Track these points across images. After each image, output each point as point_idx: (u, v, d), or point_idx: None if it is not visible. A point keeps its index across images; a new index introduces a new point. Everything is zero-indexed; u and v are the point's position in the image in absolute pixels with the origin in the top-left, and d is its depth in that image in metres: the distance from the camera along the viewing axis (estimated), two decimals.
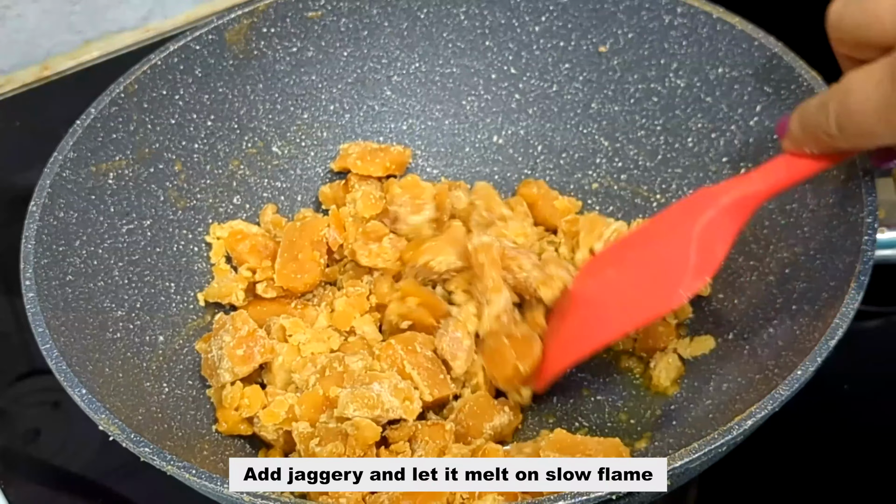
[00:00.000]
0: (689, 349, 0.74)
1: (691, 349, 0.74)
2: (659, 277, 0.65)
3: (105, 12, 1.08)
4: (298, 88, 0.87)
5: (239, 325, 0.71)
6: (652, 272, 0.66)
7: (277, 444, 0.71)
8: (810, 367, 0.57)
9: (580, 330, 0.69)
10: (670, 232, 0.66)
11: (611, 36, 0.84)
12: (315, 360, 0.72)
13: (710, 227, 0.63)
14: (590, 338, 0.68)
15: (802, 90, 0.73)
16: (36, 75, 1.08)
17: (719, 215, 0.63)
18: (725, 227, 0.63)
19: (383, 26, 0.87)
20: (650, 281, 0.66)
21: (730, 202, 0.63)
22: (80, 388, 0.60)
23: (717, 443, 0.55)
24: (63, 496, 0.76)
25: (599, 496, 0.53)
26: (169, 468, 0.56)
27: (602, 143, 0.87)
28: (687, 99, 0.82)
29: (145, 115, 0.79)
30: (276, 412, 0.69)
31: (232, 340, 0.70)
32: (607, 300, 0.68)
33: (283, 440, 0.70)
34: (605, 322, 0.67)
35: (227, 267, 0.81)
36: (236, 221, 0.83)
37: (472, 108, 0.90)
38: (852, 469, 0.73)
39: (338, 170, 0.87)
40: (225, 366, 0.70)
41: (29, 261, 0.66)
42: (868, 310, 0.68)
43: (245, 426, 0.71)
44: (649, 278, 0.66)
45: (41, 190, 0.70)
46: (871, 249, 0.63)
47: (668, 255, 0.65)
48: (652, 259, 0.67)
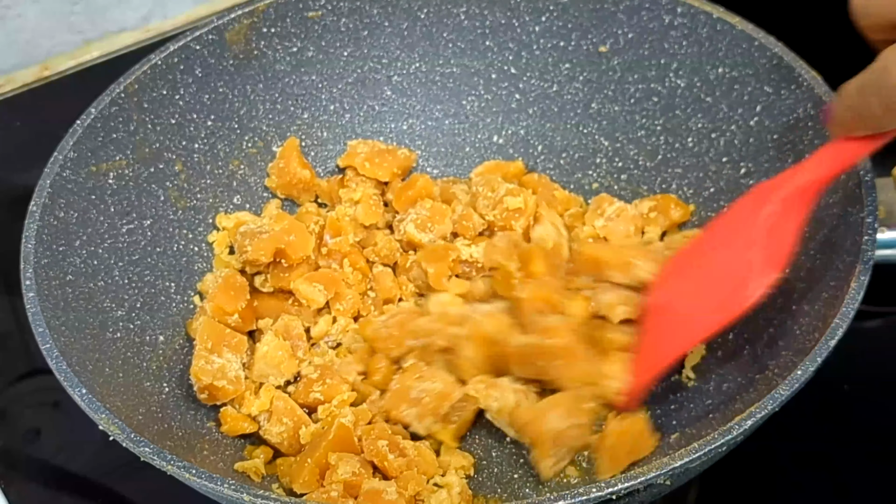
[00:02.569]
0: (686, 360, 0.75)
1: (688, 360, 0.74)
2: (731, 278, 0.66)
3: (105, 12, 1.08)
4: (298, 88, 0.87)
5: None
6: (723, 274, 0.67)
7: (282, 447, 0.71)
8: (810, 367, 0.57)
9: (660, 340, 0.69)
10: (735, 233, 0.67)
11: (611, 36, 0.84)
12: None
13: (773, 221, 0.64)
14: (669, 347, 0.68)
15: (802, 90, 0.73)
16: (36, 75, 1.08)
17: (780, 209, 0.64)
18: (788, 219, 0.64)
19: (383, 26, 0.87)
20: (723, 283, 0.66)
21: (788, 194, 0.64)
22: (80, 388, 0.60)
23: (717, 443, 0.55)
24: (63, 496, 0.76)
25: (599, 496, 0.53)
26: (169, 468, 0.56)
27: (602, 143, 0.87)
28: (687, 99, 0.82)
29: (145, 115, 0.79)
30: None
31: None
32: (683, 308, 0.69)
33: (287, 443, 0.70)
34: (684, 329, 0.68)
35: (229, 258, 0.81)
36: (243, 213, 0.83)
37: (472, 108, 0.90)
38: (852, 469, 0.73)
39: (343, 166, 0.87)
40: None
41: (29, 261, 0.66)
42: (868, 310, 0.68)
43: (249, 423, 0.71)
44: (721, 281, 0.67)
45: (41, 190, 0.70)
46: (871, 249, 0.63)
47: (737, 256, 0.66)
48: (721, 261, 0.67)
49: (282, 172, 0.85)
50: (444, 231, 0.79)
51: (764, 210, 0.64)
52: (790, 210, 0.64)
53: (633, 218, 0.80)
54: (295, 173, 0.84)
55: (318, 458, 0.66)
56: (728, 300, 0.65)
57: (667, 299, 0.69)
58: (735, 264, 0.66)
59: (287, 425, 0.70)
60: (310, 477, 0.65)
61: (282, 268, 0.77)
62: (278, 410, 0.71)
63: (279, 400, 0.71)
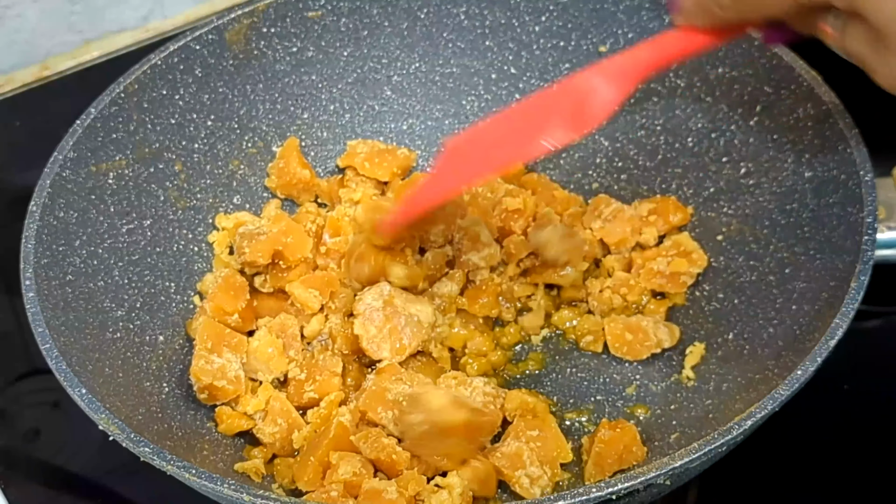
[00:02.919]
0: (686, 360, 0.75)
1: (688, 360, 0.74)
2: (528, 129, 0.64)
3: (105, 12, 1.08)
4: (298, 88, 0.87)
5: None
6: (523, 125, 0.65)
7: (274, 448, 0.71)
8: (810, 367, 0.57)
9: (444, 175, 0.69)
10: (551, 95, 0.66)
11: (611, 36, 0.84)
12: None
13: (590, 86, 0.62)
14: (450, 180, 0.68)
15: (802, 90, 0.73)
16: (36, 75, 1.08)
17: (601, 78, 0.62)
18: (608, 91, 0.62)
19: (383, 26, 0.87)
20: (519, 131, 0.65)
21: (614, 68, 0.63)
22: (80, 388, 0.60)
23: (717, 443, 0.55)
24: (63, 496, 0.76)
25: (599, 496, 0.53)
26: (169, 468, 0.56)
27: (602, 143, 0.87)
28: (687, 99, 0.82)
29: (145, 115, 0.79)
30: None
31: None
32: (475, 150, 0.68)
33: (279, 444, 0.70)
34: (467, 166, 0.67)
35: (228, 259, 0.81)
36: (242, 213, 0.83)
37: (472, 108, 0.90)
38: (852, 469, 0.73)
39: (343, 166, 0.87)
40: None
41: (29, 261, 0.66)
42: (868, 310, 0.68)
43: (246, 421, 0.71)
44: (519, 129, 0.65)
45: (41, 190, 0.70)
46: (871, 249, 0.63)
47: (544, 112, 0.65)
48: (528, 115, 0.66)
49: (282, 172, 0.85)
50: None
51: (588, 79, 0.63)
52: (611, 84, 0.62)
53: (630, 219, 0.80)
54: (295, 173, 0.84)
55: (320, 455, 0.66)
56: (517, 145, 0.65)
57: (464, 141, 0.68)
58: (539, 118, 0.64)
59: (281, 426, 0.70)
60: (314, 475, 0.65)
61: (280, 268, 0.77)
62: (274, 411, 0.71)
63: (276, 401, 0.72)
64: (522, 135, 0.64)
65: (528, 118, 0.65)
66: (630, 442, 0.67)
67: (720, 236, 0.78)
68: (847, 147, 0.68)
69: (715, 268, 0.77)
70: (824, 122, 0.70)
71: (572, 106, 0.62)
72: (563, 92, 0.64)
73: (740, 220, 0.77)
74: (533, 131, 0.63)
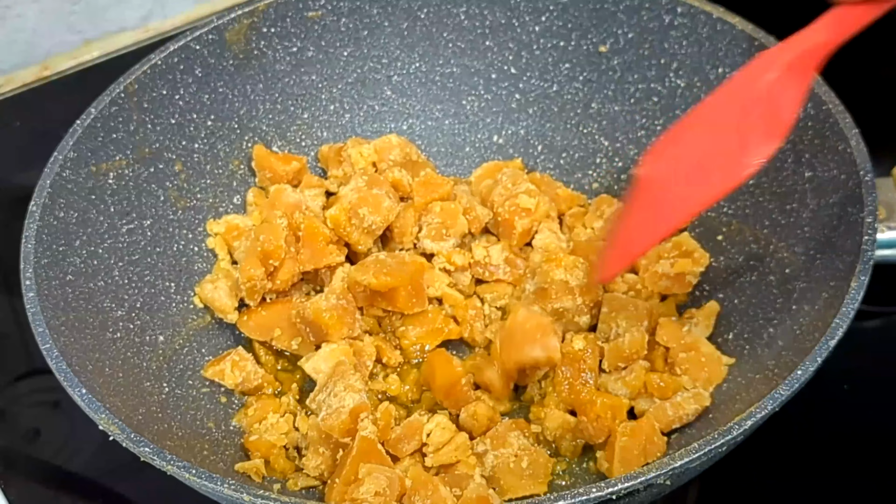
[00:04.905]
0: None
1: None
2: (727, 148, 0.62)
3: (105, 12, 1.08)
4: (298, 88, 0.87)
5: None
6: (720, 144, 0.63)
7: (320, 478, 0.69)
8: (810, 367, 0.57)
9: (650, 214, 0.65)
10: (734, 101, 0.63)
11: (611, 36, 0.84)
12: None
13: (775, 88, 0.61)
14: (661, 221, 0.65)
15: None
16: (36, 75, 1.08)
17: (783, 75, 0.61)
18: (791, 86, 0.61)
19: (383, 26, 0.87)
20: (719, 153, 0.63)
21: (792, 59, 0.61)
22: (80, 388, 0.60)
23: (717, 443, 0.55)
24: (63, 496, 0.76)
25: (599, 496, 0.53)
26: (169, 468, 0.56)
27: (602, 143, 0.87)
28: (687, 99, 0.82)
29: (145, 115, 0.79)
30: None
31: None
32: (675, 180, 0.64)
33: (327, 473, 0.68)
34: (676, 202, 0.64)
35: (230, 267, 0.80)
36: (232, 216, 0.83)
37: (472, 108, 0.90)
38: (852, 469, 0.73)
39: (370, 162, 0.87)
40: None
41: (29, 261, 0.66)
42: (868, 310, 0.68)
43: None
44: (718, 151, 0.63)
45: (41, 190, 0.70)
46: (871, 249, 0.63)
47: (735, 125, 0.62)
48: (719, 131, 0.64)
49: (273, 178, 0.84)
50: (460, 231, 0.79)
51: (765, 77, 0.61)
52: (793, 77, 0.60)
53: None
54: (284, 173, 0.84)
55: (346, 475, 0.64)
56: (721, 173, 0.62)
57: (659, 171, 0.66)
58: (733, 133, 0.62)
59: (324, 455, 0.68)
60: (340, 497, 0.63)
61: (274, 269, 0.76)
62: (314, 441, 0.69)
63: (312, 430, 0.69)
64: (723, 158, 0.61)
65: (720, 137, 0.62)
66: (651, 432, 0.67)
67: (720, 236, 0.78)
68: (847, 147, 0.68)
69: (715, 268, 0.77)
70: (824, 122, 0.70)
71: (762, 111, 0.60)
72: (745, 97, 0.61)
73: (740, 220, 0.77)
74: (734, 152, 0.61)
